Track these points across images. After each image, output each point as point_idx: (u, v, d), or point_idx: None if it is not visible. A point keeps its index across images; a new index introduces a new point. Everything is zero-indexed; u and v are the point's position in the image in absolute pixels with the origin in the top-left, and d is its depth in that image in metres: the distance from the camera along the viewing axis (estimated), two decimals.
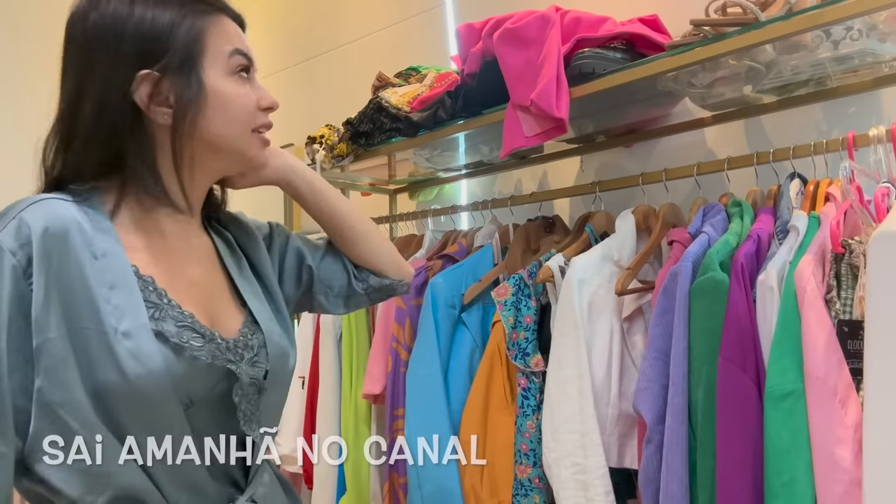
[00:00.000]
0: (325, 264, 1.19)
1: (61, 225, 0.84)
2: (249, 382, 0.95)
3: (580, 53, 1.49)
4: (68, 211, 0.86)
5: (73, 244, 0.84)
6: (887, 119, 1.39)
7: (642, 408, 1.30)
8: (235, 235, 1.10)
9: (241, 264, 1.07)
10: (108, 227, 0.89)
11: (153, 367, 0.83)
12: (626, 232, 1.52)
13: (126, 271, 0.87)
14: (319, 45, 2.83)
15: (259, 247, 1.11)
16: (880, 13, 1.20)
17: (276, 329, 1.02)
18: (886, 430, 1.00)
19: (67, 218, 0.85)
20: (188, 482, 0.89)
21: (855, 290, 1.13)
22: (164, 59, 0.90)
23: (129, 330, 0.84)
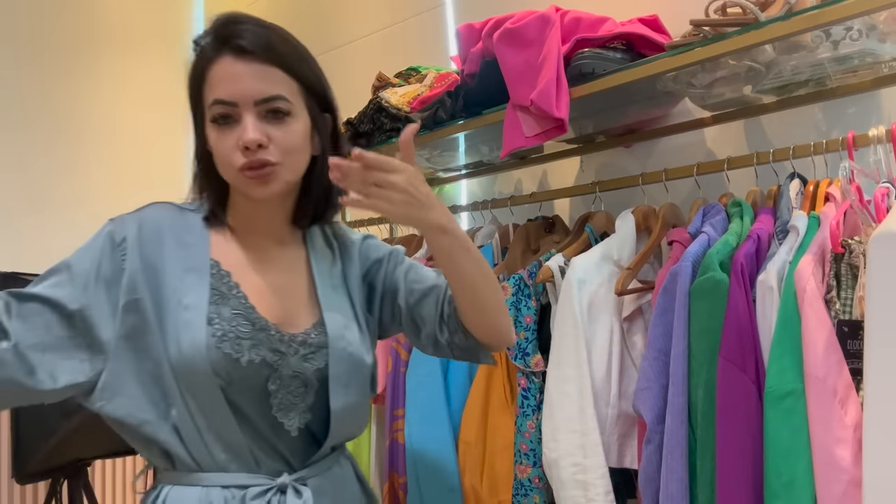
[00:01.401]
0: (419, 307, 1.19)
1: (158, 221, 1.09)
2: (292, 375, 1.07)
3: (580, 53, 1.49)
4: (170, 213, 1.11)
5: (165, 235, 1.07)
6: (887, 119, 1.39)
7: (642, 408, 1.30)
8: (341, 250, 1.21)
9: (332, 274, 1.16)
10: (201, 229, 1.11)
11: (197, 340, 1.00)
12: (626, 232, 1.52)
13: (203, 261, 1.07)
14: (319, 45, 2.82)
15: (353, 266, 1.19)
16: (880, 13, 1.20)
17: (347, 336, 1.11)
18: (886, 429, 1.00)
19: (167, 217, 1.10)
20: (233, 450, 1.04)
21: (855, 290, 1.13)
22: (193, 108, 1.09)
23: (189, 305, 1.02)
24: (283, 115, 1.03)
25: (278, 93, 1.03)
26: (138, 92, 3.38)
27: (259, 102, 1.02)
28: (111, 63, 3.31)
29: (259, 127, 1.02)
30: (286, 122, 1.04)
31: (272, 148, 1.03)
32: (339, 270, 1.18)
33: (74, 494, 2.15)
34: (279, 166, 1.03)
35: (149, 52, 3.43)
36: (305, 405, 1.09)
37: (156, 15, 3.46)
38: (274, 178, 1.04)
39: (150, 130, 3.42)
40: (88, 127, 3.22)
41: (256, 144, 1.01)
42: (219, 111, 1.02)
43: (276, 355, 1.06)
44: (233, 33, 1.03)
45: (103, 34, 3.30)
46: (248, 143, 1.01)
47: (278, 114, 1.03)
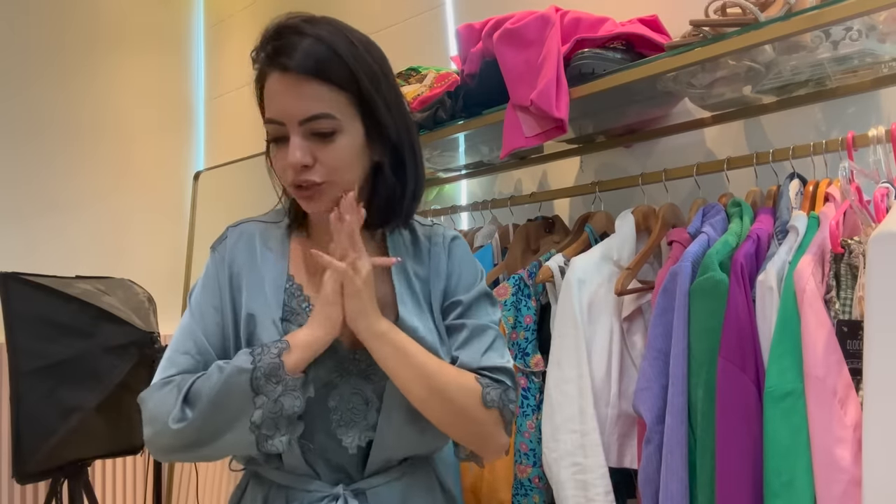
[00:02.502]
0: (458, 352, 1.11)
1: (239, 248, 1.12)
2: (352, 392, 1.07)
3: (580, 54, 1.50)
4: (251, 231, 1.13)
5: (243, 253, 1.11)
6: (887, 119, 1.40)
7: (642, 408, 1.30)
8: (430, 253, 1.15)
9: (415, 282, 1.12)
10: (282, 239, 1.13)
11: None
12: (626, 232, 1.52)
13: (279, 275, 1.09)
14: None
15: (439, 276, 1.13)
16: (880, 13, 1.20)
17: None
18: (886, 429, 1.00)
19: (245, 235, 1.13)
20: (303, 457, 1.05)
21: (854, 290, 1.13)
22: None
23: (261, 320, 1.05)
24: (328, 135, 1.01)
25: (321, 111, 1.00)
26: (139, 92, 3.38)
27: (303, 122, 1.00)
28: (111, 63, 3.31)
29: (305, 147, 1.00)
30: (333, 139, 1.01)
31: (318, 167, 1.01)
32: (424, 276, 1.13)
33: (74, 494, 2.15)
34: (325, 185, 1.02)
35: (149, 53, 3.43)
36: (367, 423, 1.07)
37: (156, 15, 3.46)
38: (319, 196, 1.03)
39: (151, 130, 3.42)
40: (89, 127, 3.22)
41: (300, 166, 1.00)
42: (271, 131, 1.03)
43: (336, 372, 1.06)
44: (277, 49, 1.00)
45: (104, 34, 3.30)
46: (292, 166, 1.00)
47: (324, 134, 1.01)
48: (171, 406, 0.99)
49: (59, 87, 3.14)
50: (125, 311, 2.23)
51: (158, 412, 1.00)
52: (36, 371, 2.04)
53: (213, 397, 0.98)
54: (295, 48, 0.98)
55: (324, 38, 1.00)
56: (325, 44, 0.99)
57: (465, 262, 1.15)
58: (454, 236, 1.17)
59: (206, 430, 0.99)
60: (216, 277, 1.09)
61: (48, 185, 3.09)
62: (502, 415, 1.06)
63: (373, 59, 1.04)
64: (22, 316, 2.07)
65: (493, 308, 1.14)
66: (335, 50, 1.00)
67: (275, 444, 0.99)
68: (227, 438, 0.99)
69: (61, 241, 3.07)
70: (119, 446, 2.23)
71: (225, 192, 3.22)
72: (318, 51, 0.99)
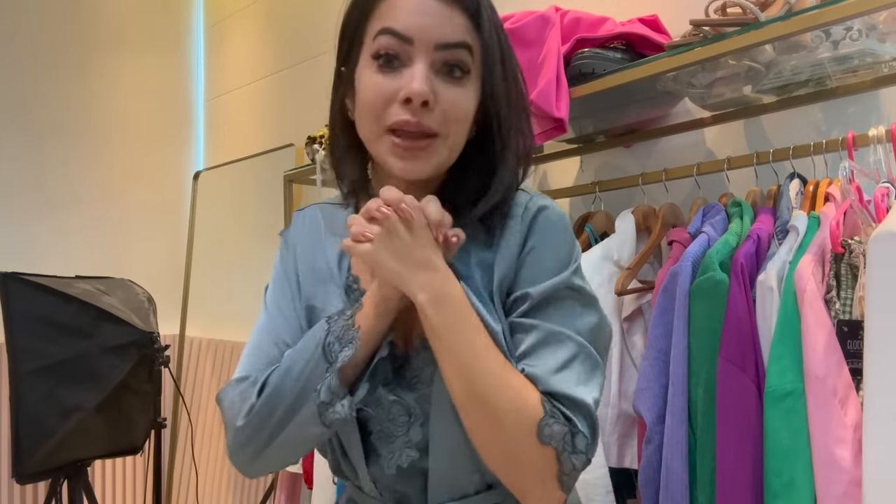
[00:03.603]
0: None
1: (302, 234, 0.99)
2: (393, 402, 0.88)
3: (580, 53, 1.50)
4: (315, 215, 1.00)
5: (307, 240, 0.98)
6: (887, 119, 1.39)
7: (642, 408, 1.30)
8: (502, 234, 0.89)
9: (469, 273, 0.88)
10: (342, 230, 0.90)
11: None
12: (626, 232, 1.52)
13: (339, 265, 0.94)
14: (320, 45, 2.83)
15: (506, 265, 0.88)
16: (880, 13, 1.20)
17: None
18: (886, 429, 1.00)
19: (309, 220, 1.00)
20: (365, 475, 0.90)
21: (854, 290, 1.13)
22: (343, 53, 0.90)
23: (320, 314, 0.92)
24: (461, 74, 0.84)
25: (465, 40, 0.84)
26: (139, 92, 3.38)
27: (440, 47, 0.83)
28: (111, 63, 3.31)
29: (430, 80, 0.82)
30: (463, 82, 0.85)
31: (438, 112, 0.83)
32: (489, 262, 0.88)
33: (74, 494, 2.15)
34: (439, 140, 0.84)
35: (149, 53, 3.43)
36: (409, 440, 0.88)
37: (156, 15, 3.46)
38: (430, 154, 0.84)
39: (151, 130, 3.42)
40: (89, 128, 3.22)
41: (422, 101, 0.81)
42: (386, 45, 0.83)
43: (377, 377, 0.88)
44: None
45: (103, 35, 3.30)
46: (414, 94, 0.81)
47: (456, 70, 0.84)
48: (245, 401, 0.86)
49: (60, 88, 3.14)
50: (125, 311, 2.23)
51: (231, 412, 0.87)
52: (36, 371, 2.04)
53: (282, 376, 0.85)
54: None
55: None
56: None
57: (547, 241, 0.87)
58: (540, 207, 0.89)
59: (274, 417, 0.84)
60: (283, 269, 0.97)
61: (48, 185, 3.09)
62: (559, 461, 0.78)
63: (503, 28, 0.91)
64: (22, 316, 2.07)
65: (584, 309, 0.85)
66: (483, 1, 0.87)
67: (336, 411, 0.81)
68: (296, 420, 0.83)
69: (61, 241, 3.07)
70: (119, 446, 2.23)
71: (225, 192, 3.22)
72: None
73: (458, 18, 0.84)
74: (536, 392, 0.79)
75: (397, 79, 0.83)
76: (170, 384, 2.72)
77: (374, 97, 0.84)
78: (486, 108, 0.88)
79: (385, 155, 0.85)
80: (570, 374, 0.80)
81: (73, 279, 2.23)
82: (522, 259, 0.87)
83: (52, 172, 3.10)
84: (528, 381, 0.80)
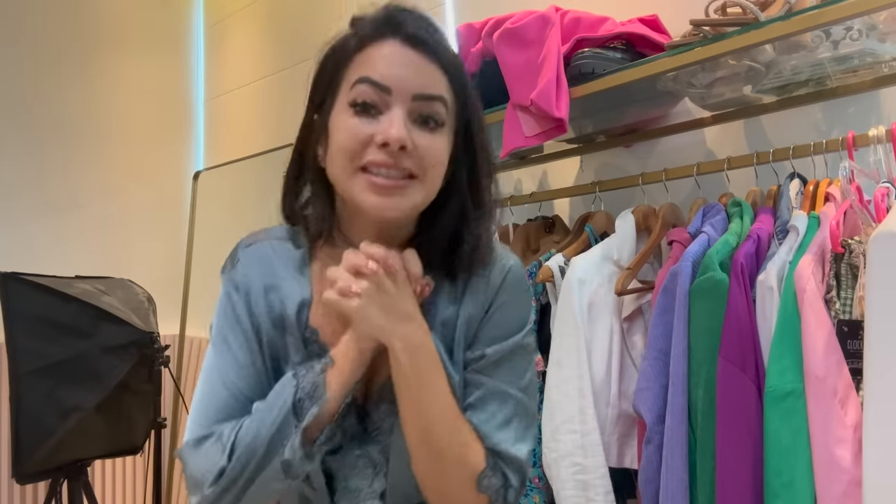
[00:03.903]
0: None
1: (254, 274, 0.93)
2: (357, 456, 0.91)
3: (580, 53, 1.49)
4: (268, 257, 0.94)
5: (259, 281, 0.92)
6: (887, 119, 1.39)
7: (642, 408, 1.30)
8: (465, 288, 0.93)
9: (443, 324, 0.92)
10: (302, 271, 0.93)
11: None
12: (626, 232, 1.52)
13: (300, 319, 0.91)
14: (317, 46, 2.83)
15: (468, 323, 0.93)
16: (880, 13, 1.20)
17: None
18: (886, 429, 1.00)
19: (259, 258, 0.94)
20: None
21: (854, 290, 1.13)
22: (317, 102, 0.91)
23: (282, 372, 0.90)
24: (435, 125, 0.86)
25: (441, 94, 0.86)
26: (139, 92, 3.38)
27: (417, 98, 0.85)
28: (111, 63, 3.31)
29: (408, 127, 0.84)
30: (436, 133, 0.86)
31: (415, 157, 0.84)
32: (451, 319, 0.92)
33: (74, 494, 2.15)
34: (416, 182, 0.85)
35: (149, 53, 3.43)
36: (373, 492, 0.91)
37: (156, 15, 3.46)
38: (407, 194, 0.84)
39: (151, 130, 3.42)
40: (89, 128, 3.22)
41: (400, 145, 0.82)
42: (364, 93, 0.84)
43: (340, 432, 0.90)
44: (405, 20, 0.87)
45: (103, 35, 3.30)
46: (392, 139, 0.82)
47: (431, 121, 0.86)
48: (214, 464, 0.85)
49: (60, 87, 3.14)
50: (125, 311, 2.23)
51: (198, 475, 0.86)
52: (35, 371, 2.04)
53: (252, 437, 0.85)
54: (426, 27, 0.88)
55: (445, 35, 0.90)
56: (447, 41, 0.90)
57: (512, 302, 0.93)
58: (509, 267, 0.94)
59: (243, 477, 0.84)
60: (234, 312, 0.92)
61: (48, 185, 3.09)
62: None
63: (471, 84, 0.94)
64: (22, 316, 2.07)
65: (528, 366, 0.94)
66: (455, 53, 0.91)
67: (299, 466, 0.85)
68: (262, 476, 0.84)
69: (61, 241, 3.07)
70: (119, 446, 2.23)
71: (225, 191, 3.22)
72: (446, 43, 0.89)
73: (435, 73, 0.87)
74: (481, 446, 0.88)
75: (374, 124, 0.84)
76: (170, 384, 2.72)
77: (351, 139, 0.85)
78: (458, 160, 0.90)
79: (359, 193, 0.85)
80: (510, 432, 0.89)
81: (72, 279, 2.23)
82: (487, 317, 0.92)
83: (52, 172, 3.10)
84: (476, 435, 0.88)
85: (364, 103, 0.85)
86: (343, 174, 0.86)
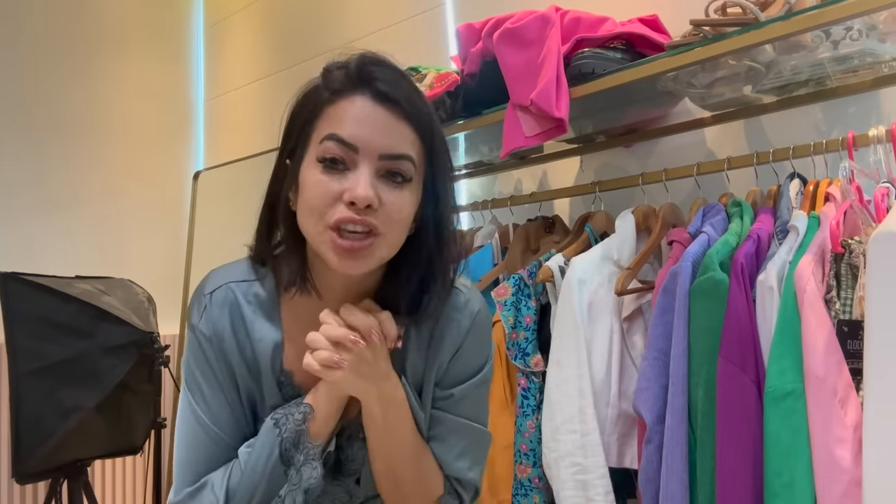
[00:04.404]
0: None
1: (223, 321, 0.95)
2: (337, 483, 1.00)
3: (580, 53, 1.49)
4: (235, 302, 0.96)
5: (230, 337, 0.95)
6: (887, 119, 1.39)
7: (642, 408, 1.30)
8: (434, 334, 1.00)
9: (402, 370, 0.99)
10: (272, 314, 0.97)
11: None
12: (626, 232, 1.52)
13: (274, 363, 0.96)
14: (320, 45, 2.83)
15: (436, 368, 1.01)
16: (880, 13, 1.20)
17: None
18: (886, 429, 1.00)
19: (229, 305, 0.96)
20: None
21: (854, 290, 1.13)
22: (289, 148, 0.94)
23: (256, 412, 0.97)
24: (401, 181, 0.88)
25: (408, 153, 0.88)
26: (139, 92, 3.38)
27: (383, 157, 0.87)
28: (111, 63, 3.31)
29: (374, 185, 0.86)
30: (403, 188, 0.88)
31: (381, 213, 0.86)
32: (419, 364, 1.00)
33: (74, 494, 2.15)
34: (381, 238, 0.87)
35: (149, 52, 3.43)
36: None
37: (156, 15, 3.46)
38: (370, 252, 0.87)
39: (151, 130, 3.42)
40: (89, 128, 3.22)
41: (366, 204, 0.84)
42: (331, 151, 0.86)
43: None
44: (376, 75, 0.89)
45: (103, 35, 3.30)
46: (358, 199, 0.84)
47: (397, 177, 0.88)
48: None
49: (60, 88, 3.14)
50: (125, 311, 2.23)
51: None
52: (36, 371, 2.04)
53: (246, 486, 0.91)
54: (395, 83, 0.89)
55: (419, 91, 0.92)
56: (419, 94, 0.92)
57: (476, 345, 1.02)
58: (476, 312, 1.02)
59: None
60: (207, 361, 0.95)
61: (48, 184, 3.09)
62: None
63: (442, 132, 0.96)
64: (22, 316, 2.07)
65: (485, 398, 1.06)
66: (425, 101, 0.93)
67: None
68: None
69: (61, 241, 3.07)
70: (119, 446, 2.23)
71: (225, 191, 3.22)
72: (414, 96, 0.90)
73: (404, 130, 0.89)
74: (441, 474, 1.00)
75: (342, 181, 0.86)
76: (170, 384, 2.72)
77: (319, 197, 0.87)
78: (425, 210, 0.93)
79: (325, 251, 0.88)
80: (466, 461, 1.01)
81: (72, 279, 2.23)
82: (455, 358, 1.01)
83: (53, 172, 3.10)
84: (437, 465, 1.00)
85: (333, 159, 0.87)
86: (313, 230, 0.89)
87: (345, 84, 0.89)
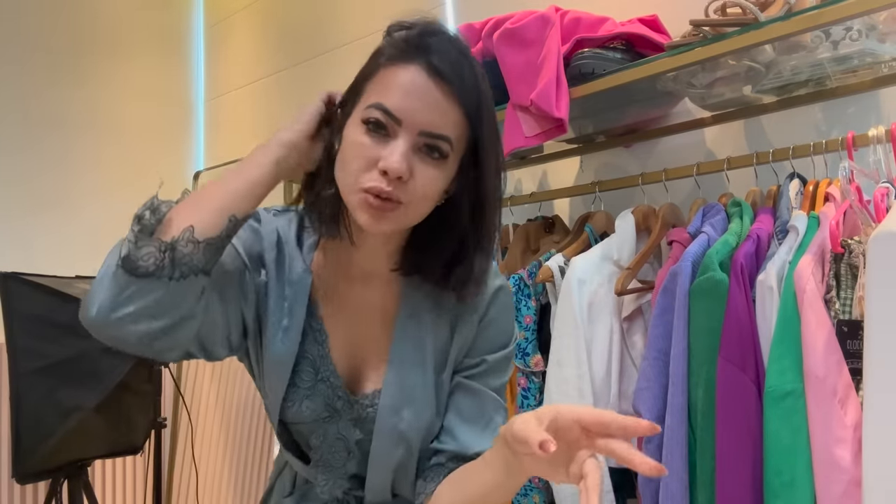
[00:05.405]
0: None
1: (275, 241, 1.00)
2: (337, 437, 1.01)
3: (580, 53, 1.50)
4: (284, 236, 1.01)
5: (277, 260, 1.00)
6: (887, 119, 1.40)
7: (642, 408, 1.30)
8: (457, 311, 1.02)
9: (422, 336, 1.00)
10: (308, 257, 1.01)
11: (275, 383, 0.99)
12: (626, 232, 1.52)
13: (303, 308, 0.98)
14: (320, 45, 2.83)
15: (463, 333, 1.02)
16: (880, 13, 1.20)
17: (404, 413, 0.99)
18: (886, 429, 1.00)
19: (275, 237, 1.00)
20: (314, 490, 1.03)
21: (854, 290, 1.13)
22: (347, 95, 0.96)
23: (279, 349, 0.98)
24: (437, 158, 0.90)
25: (447, 134, 0.89)
26: (139, 92, 3.38)
27: (423, 134, 0.88)
28: (111, 63, 3.31)
29: (409, 157, 0.88)
30: (437, 165, 0.90)
31: (409, 185, 0.88)
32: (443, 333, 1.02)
33: (74, 494, 2.15)
34: (405, 207, 0.89)
35: (149, 53, 3.43)
36: (345, 472, 1.02)
37: (156, 15, 3.46)
38: (394, 217, 0.90)
39: (151, 130, 3.42)
40: (89, 127, 3.22)
41: (397, 176, 0.87)
42: (376, 117, 0.88)
43: (327, 411, 0.99)
44: (434, 47, 0.89)
45: (103, 35, 3.30)
46: (391, 170, 0.86)
47: (434, 153, 0.89)
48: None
49: (60, 88, 3.14)
50: None
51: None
52: (36, 371, 2.04)
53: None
54: (454, 61, 0.89)
55: (477, 70, 0.92)
56: (475, 72, 0.91)
57: (502, 319, 1.04)
58: (498, 287, 1.04)
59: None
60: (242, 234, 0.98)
61: (48, 184, 3.09)
62: None
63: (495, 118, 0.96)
64: (22, 316, 2.07)
65: (509, 369, 1.06)
66: (479, 83, 0.92)
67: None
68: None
69: (61, 241, 3.06)
70: (119, 446, 2.23)
71: None
72: (469, 77, 0.90)
73: (449, 109, 0.89)
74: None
75: (381, 147, 0.88)
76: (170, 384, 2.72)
77: (357, 159, 0.90)
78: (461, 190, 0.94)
79: (354, 207, 0.91)
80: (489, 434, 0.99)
81: (72, 279, 2.23)
82: (482, 326, 1.02)
83: (53, 172, 3.10)
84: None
85: (377, 122, 0.89)
86: (346, 187, 0.91)
87: (403, 51, 0.91)
